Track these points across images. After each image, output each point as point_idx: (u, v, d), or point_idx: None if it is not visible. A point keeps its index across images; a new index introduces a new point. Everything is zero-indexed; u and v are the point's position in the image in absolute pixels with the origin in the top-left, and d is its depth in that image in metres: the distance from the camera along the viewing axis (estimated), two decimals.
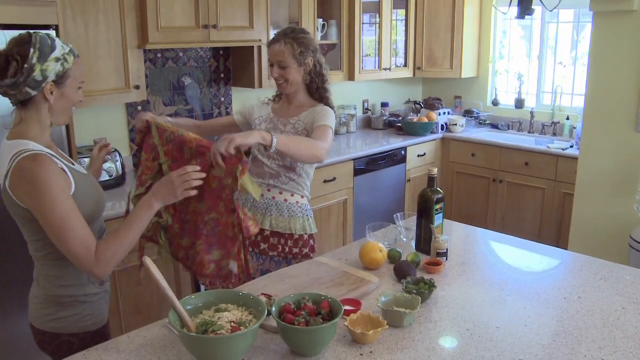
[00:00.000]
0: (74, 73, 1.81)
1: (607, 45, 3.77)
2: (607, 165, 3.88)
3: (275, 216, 2.53)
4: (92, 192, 1.91)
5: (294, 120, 2.54)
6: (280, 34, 2.52)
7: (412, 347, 1.66)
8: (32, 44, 1.71)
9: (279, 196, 2.54)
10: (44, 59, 1.72)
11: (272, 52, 2.50)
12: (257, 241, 2.55)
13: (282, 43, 2.47)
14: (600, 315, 1.85)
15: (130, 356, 1.63)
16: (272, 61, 2.52)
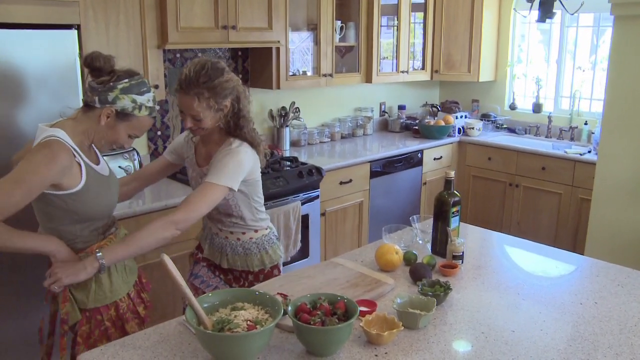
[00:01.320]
0: (136, 122, 1.98)
1: (627, 50, 3.74)
2: (625, 171, 3.84)
3: (231, 255, 2.37)
4: (102, 194, 2.01)
5: (205, 171, 2.23)
6: (191, 82, 2.08)
7: (427, 349, 1.66)
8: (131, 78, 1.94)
9: (231, 236, 2.37)
10: (126, 92, 1.92)
11: (183, 104, 2.13)
12: (225, 270, 2.43)
13: (195, 99, 2.09)
14: (617, 322, 1.84)
15: (146, 352, 1.65)
16: (183, 111, 2.16)
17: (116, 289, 2.05)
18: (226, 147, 2.19)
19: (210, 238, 2.44)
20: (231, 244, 2.37)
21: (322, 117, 5.11)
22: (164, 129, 3.92)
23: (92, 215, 1.98)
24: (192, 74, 2.09)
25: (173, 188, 3.44)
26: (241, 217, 2.33)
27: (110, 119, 1.93)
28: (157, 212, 3.13)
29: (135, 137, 2.01)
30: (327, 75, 4.54)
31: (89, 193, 1.93)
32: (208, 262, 2.47)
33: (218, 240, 2.40)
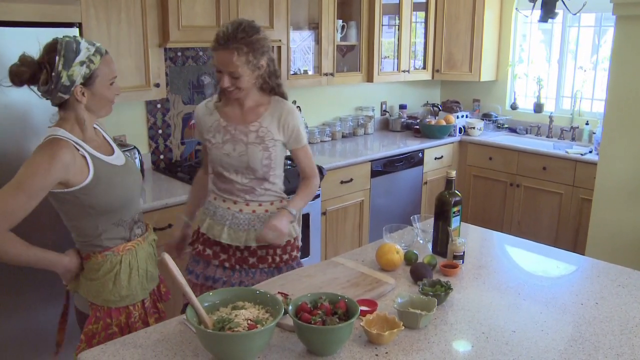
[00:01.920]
0: (102, 72, 1.87)
1: (629, 50, 3.73)
2: (626, 171, 3.84)
3: (260, 229, 2.30)
4: (117, 184, 1.95)
5: (255, 127, 2.27)
6: (229, 36, 2.10)
7: (428, 349, 1.66)
8: (58, 51, 1.79)
9: (259, 208, 2.34)
10: (68, 64, 1.79)
11: (221, 61, 2.14)
12: (245, 257, 2.37)
13: (235, 53, 2.10)
14: (618, 322, 1.84)
15: (147, 351, 1.65)
16: (220, 69, 2.16)
17: (132, 293, 2.01)
18: (280, 106, 2.31)
19: (231, 219, 2.33)
20: (259, 217, 2.33)
21: (323, 116, 5.11)
22: (165, 127, 3.92)
23: (109, 207, 1.93)
24: (230, 30, 2.11)
25: (173, 186, 3.44)
26: (274, 182, 2.36)
27: (86, 92, 1.85)
28: (159, 211, 3.14)
29: (114, 78, 1.93)
30: (328, 75, 4.54)
31: (101, 185, 1.89)
32: (220, 257, 2.38)
33: (243, 218, 2.33)
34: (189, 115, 4.03)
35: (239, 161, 2.27)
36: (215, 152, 2.29)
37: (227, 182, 2.32)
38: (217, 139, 2.29)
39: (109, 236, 1.97)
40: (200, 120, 2.37)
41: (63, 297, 2.13)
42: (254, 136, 2.26)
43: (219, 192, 2.37)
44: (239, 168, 2.28)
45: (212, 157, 2.32)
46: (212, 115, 2.32)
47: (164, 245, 2.45)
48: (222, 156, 2.28)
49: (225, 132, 2.28)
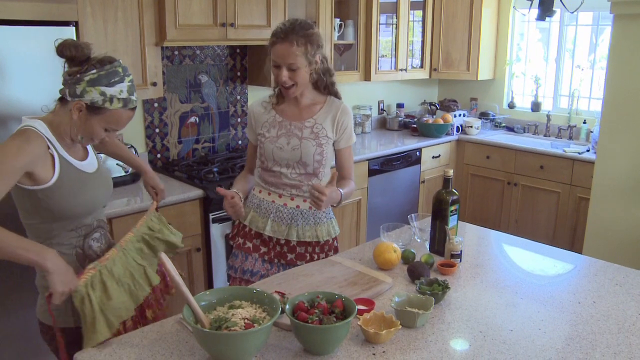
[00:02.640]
0: (109, 115, 1.82)
1: (627, 49, 3.73)
2: (624, 170, 3.84)
3: (302, 225, 2.40)
4: (80, 191, 1.88)
5: (310, 123, 2.37)
6: (288, 30, 2.21)
7: (425, 348, 1.66)
8: (101, 68, 1.79)
9: (303, 204, 2.39)
10: (93, 84, 1.78)
11: (280, 54, 2.22)
12: (284, 252, 2.43)
13: (294, 43, 2.19)
14: (616, 321, 1.84)
15: (143, 351, 1.65)
16: (278, 63, 2.24)
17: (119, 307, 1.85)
18: (335, 105, 2.42)
19: (275, 212, 2.40)
20: (303, 213, 2.41)
21: None
22: (162, 126, 3.91)
23: (66, 214, 1.85)
24: (288, 25, 2.24)
25: (171, 185, 3.43)
26: (322, 179, 2.41)
27: (82, 113, 1.80)
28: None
29: (113, 130, 1.87)
30: None
31: (63, 189, 1.81)
32: (260, 250, 2.44)
33: (287, 212, 2.40)
34: (186, 114, 4.03)
35: (292, 155, 2.35)
36: (269, 145, 2.37)
37: (275, 176, 2.39)
38: (271, 132, 2.38)
39: (60, 241, 1.88)
40: (256, 116, 2.45)
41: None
42: (309, 132, 2.36)
43: (265, 185, 2.43)
44: (291, 161, 2.36)
45: (265, 150, 2.38)
46: (268, 112, 2.42)
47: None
48: (275, 149, 2.35)
49: (281, 127, 2.37)
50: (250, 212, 2.46)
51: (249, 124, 2.51)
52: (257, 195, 2.47)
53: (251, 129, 2.49)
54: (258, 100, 2.50)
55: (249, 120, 2.50)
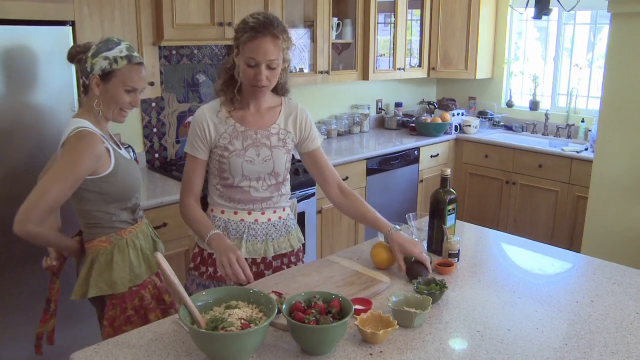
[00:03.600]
0: (120, 75, 2.03)
1: (624, 47, 3.73)
2: (622, 168, 3.84)
3: (277, 238, 2.24)
4: (129, 175, 2.15)
5: (275, 130, 2.18)
6: (264, 24, 1.99)
7: (422, 347, 1.65)
8: (99, 42, 2.06)
9: (274, 216, 2.23)
10: (96, 55, 2.02)
11: (260, 50, 1.98)
12: (261, 271, 2.24)
13: (277, 39, 2.01)
14: (613, 320, 1.83)
15: (140, 351, 1.64)
16: (257, 60, 2.00)
17: (139, 272, 2.17)
18: (293, 107, 2.25)
19: (247, 231, 2.18)
20: (275, 226, 2.23)
21: (318, 114, 5.10)
22: (160, 125, 3.90)
23: (122, 195, 2.12)
24: (263, 18, 2.00)
25: (169, 185, 3.43)
26: (287, 185, 2.29)
27: (100, 85, 2.03)
28: (154, 209, 3.12)
29: (132, 90, 2.06)
30: (324, 73, 4.53)
31: (118, 175, 2.08)
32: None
33: (260, 228, 2.19)
34: (183, 114, 4.02)
35: (264, 167, 2.15)
36: (236, 159, 2.11)
37: (243, 192, 2.16)
38: (235, 145, 2.11)
39: (119, 219, 2.14)
40: (210, 127, 2.12)
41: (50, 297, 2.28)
42: (276, 139, 2.17)
43: (229, 204, 2.18)
44: (262, 174, 2.16)
45: (230, 165, 2.12)
46: (225, 121, 2.13)
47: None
48: (245, 163, 2.11)
49: (245, 137, 2.12)
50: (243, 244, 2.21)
51: (194, 136, 2.13)
52: (220, 217, 2.20)
53: (201, 142, 2.13)
54: (205, 108, 2.16)
55: (197, 132, 2.12)
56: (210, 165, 2.19)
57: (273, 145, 2.17)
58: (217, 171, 2.17)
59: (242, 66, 2.05)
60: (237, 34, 2.04)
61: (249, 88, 2.10)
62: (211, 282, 2.21)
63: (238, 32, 2.04)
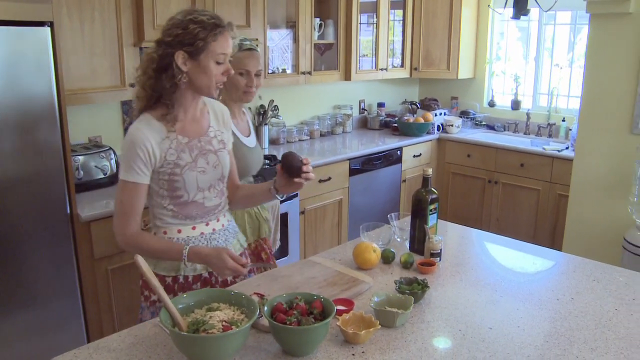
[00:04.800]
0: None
1: (603, 48, 3.77)
2: (601, 167, 3.88)
3: (231, 242, 2.18)
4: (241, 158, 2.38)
5: (212, 133, 2.08)
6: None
7: (405, 347, 1.66)
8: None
9: (224, 219, 2.18)
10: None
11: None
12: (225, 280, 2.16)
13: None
14: (593, 317, 1.85)
15: (121, 355, 1.63)
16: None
17: None
18: (215, 103, 2.18)
19: (208, 244, 2.08)
20: (229, 230, 2.17)
21: (301, 115, 5.10)
22: None
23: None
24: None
25: None
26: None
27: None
28: None
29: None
30: (306, 73, 4.53)
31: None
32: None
33: (219, 237, 2.12)
34: None
35: (214, 173, 2.06)
36: (190, 173, 1.98)
37: (197, 206, 2.04)
38: (185, 159, 1.97)
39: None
40: (152, 149, 1.91)
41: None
42: (216, 142, 2.08)
43: (185, 221, 2.04)
44: (213, 181, 2.06)
45: (185, 181, 1.98)
46: (167, 136, 1.94)
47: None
48: (199, 175, 2.00)
49: (192, 149, 1.99)
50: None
51: (135, 160, 1.90)
52: (178, 237, 2.04)
53: (144, 165, 1.91)
54: (140, 128, 1.91)
55: (140, 155, 1.89)
56: (156, 188, 1.99)
57: (216, 149, 2.07)
58: (167, 191, 1.99)
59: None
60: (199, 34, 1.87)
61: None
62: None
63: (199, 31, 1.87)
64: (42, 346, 2.86)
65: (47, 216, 2.80)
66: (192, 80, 1.91)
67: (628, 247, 3.54)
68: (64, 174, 2.84)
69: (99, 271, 3.05)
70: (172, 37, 1.89)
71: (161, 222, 2.04)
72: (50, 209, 2.81)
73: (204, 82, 1.92)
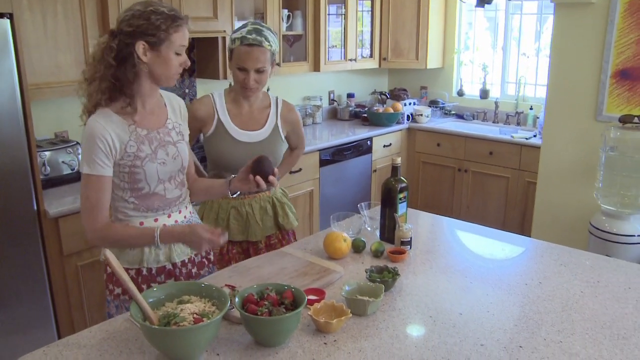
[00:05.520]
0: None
1: (568, 37, 3.82)
2: (568, 154, 3.94)
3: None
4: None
5: (170, 125, 2.08)
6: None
7: (376, 335, 1.67)
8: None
9: (185, 211, 2.15)
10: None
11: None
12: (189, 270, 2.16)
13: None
14: (560, 300, 1.89)
15: (92, 351, 1.61)
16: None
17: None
18: (172, 94, 2.15)
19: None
20: (190, 221, 2.14)
21: None
22: None
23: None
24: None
25: None
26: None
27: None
28: None
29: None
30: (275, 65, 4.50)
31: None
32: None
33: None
34: None
35: (174, 165, 2.05)
36: (150, 164, 1.97)
37: (158, 197, 2.02)
38: (145, 150, 1.96)
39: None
40: (112, 141, 1.90)
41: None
42: (175, 134, 2.06)
43: (147, 213, 2.03)
44: (173, 172, 2.05)
45: (146, 173, 1.97)
46: (126, 128, 1.93)
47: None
48: (159, 166, 1.99)
49: (151, 141, 1.98)
50: (144, 251, 2.03)
51: (96, 153, 1.88)
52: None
53: (106, 157, 1.89)
54: (98, 120, 1.90)
55: (100, 147, 1.88)
56: (117, 181, 1.98)
57: (175, 140, 2.06)
58: (129, 184, 1.98)
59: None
60: (161, 25, 1.87)
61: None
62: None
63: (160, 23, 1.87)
64: (10, 346, 2.82)
65: (13, 214, 2.76)
66: (152, 70, 1.90)
67: (594, 231, 3.61)
68: (30, 170, 2.79)
69: (68, 268, 3.01)
70: (134, 28, 1.85)
71: (123, 216, 2.02)
72: (16, 206, 2.76)
73: (164, 72, 1.92)
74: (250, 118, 2.51)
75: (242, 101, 2.48)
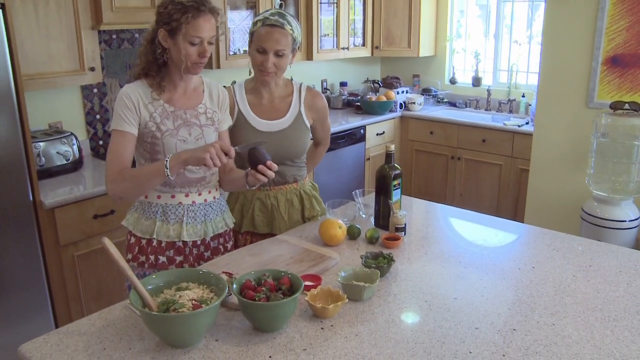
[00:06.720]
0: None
1: (559, 24, 3.84)
2: (560, 141, 3.97)
3: (213, 219, 2.24)
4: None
5: (202, 109, 2.18)
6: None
7: (372, 319, 1.69)
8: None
9: (209, 196, 2.22)
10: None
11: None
12: (201, 252, 2.24)
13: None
14: (553, 284, 1.92)
15: (92, 338, 1.63)
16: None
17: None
18: (215, 84, 2.26)
19: (187, 213, 2.15)
20: (212, 206, 2.22)
21: None
22: (103, 112, 3.83)
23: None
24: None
25: None
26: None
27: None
28: (100, 197, 3.07)
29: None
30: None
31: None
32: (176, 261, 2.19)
33: (199, 209, 2.17)
34: None
35: (196, 145, 2.09)
36: (169, 139, 2.06)
37: (177, 174, 2.05)
38: (167, 125, 2.06)
39: None
40: (140, 105, 2.04)
41: None
42: (205, 118, 2.15)
43: (165, 188, 2.12)
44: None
45: (165, 146, 2.06)
46: (154, 101, 2.06)
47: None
48: (178, 143, 2.07)
49: (176, 118, 2.08)
50: (156, 224, 2.13)
51: (124, 109, 2.02)
52: (157, 203, 2.13)
53: (131, 115, 2.03)
54: (132, 87, 2.08)
55: (127, 105, 2.02)
56: (140, 151, 2.11)
57: (202, 124, 2.14)
58: (149, 154, 2.09)
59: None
60: (174, 15, 1.95)
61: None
62: (153, 270, 2.14)
63: (174, 12, 1.96)
64: (8, 336, 2.83)
65: (9, 205, 2.76)
66: (171, 57, 2.04)
67: (585, 217, 3.65)
68: (25, 161, 2.80)
69: (65, 258, 3.02)
70: (157, 15, 2.02)
71: None
72: (12, 197, 2.77)
73: (179, 60, 2.03)
74: (271, 107, 2.46)
75: (261, 90, 2.44)
